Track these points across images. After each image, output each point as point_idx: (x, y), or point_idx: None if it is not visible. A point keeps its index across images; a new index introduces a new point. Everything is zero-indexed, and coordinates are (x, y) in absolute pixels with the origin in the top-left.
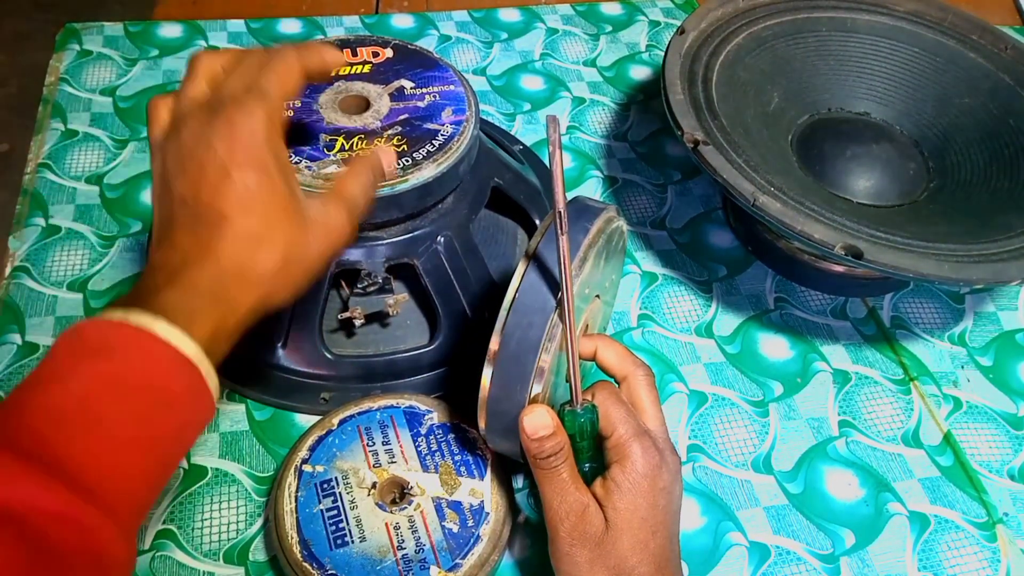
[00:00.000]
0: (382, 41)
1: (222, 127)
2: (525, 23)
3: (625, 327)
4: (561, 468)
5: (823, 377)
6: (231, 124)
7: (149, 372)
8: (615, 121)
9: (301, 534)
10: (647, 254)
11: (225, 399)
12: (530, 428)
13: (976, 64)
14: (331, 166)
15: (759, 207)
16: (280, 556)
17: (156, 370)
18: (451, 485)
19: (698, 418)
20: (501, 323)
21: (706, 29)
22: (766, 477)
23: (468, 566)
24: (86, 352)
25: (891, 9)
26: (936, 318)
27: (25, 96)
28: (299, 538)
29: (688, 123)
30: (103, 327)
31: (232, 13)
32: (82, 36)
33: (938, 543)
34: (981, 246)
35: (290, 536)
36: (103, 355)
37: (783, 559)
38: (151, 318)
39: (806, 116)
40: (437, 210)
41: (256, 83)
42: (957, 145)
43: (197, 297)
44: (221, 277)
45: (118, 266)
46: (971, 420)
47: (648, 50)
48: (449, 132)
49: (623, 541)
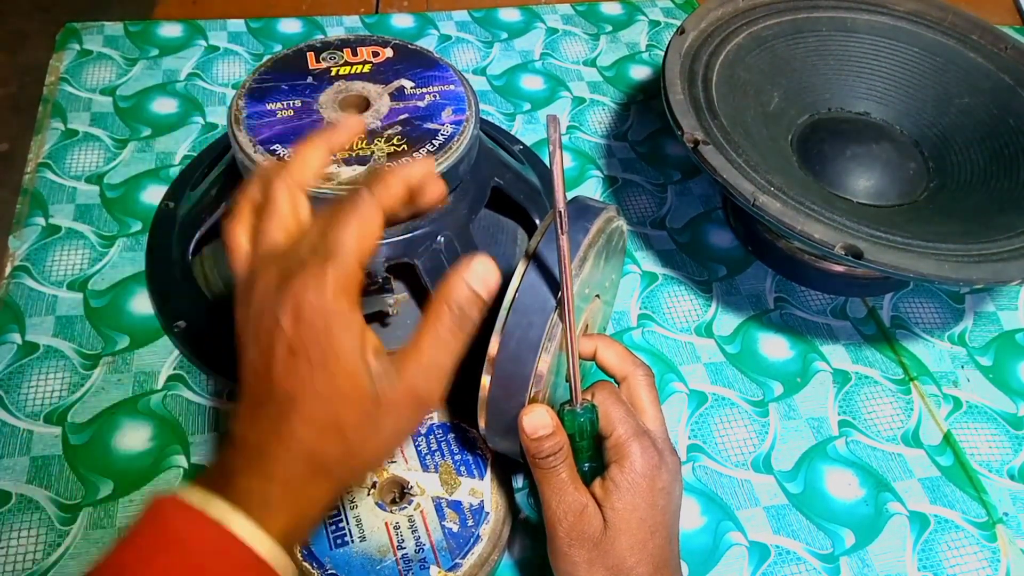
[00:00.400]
0: (382, 41)
1: (288, 299)
2: (525, 23)
3: (625, 327)
4: (560, 468)
5: (823, 377)
6: (296, 296)
7: (221, 571)
8: (615, 121)
9: None
10: (647, 254)
11: (226, 398)
12: (529, 428)
13: (976, 64)
14: (331, 166)
15: (759, 207)
16: None
17: (228, 570)
18: (451, 485)
19: (698, 418)
20: (501, 323)
21: (706, 29)
22: (766, 477)
23: (468, 566)
24: (162, 543)
25: (891, 9)
26: (936, 318)
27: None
28: None
29: (688, 123)
30: (183, 513)
31: (232, 13)
32: (82, 36)
33: (938, 543)
34: (981, 246)
35: None
36: (177, 549)
37: (783, 559)
38: (229, 509)
39: (806, 116)
40: (437, 210)
41: (328, 240)
42: (957, 145)
43: (274, 486)
44: (294, 466)
45: (118, 266)
46: (971, 420)
47: (648, 50)
48: (449, 132)
49: (621, 541)
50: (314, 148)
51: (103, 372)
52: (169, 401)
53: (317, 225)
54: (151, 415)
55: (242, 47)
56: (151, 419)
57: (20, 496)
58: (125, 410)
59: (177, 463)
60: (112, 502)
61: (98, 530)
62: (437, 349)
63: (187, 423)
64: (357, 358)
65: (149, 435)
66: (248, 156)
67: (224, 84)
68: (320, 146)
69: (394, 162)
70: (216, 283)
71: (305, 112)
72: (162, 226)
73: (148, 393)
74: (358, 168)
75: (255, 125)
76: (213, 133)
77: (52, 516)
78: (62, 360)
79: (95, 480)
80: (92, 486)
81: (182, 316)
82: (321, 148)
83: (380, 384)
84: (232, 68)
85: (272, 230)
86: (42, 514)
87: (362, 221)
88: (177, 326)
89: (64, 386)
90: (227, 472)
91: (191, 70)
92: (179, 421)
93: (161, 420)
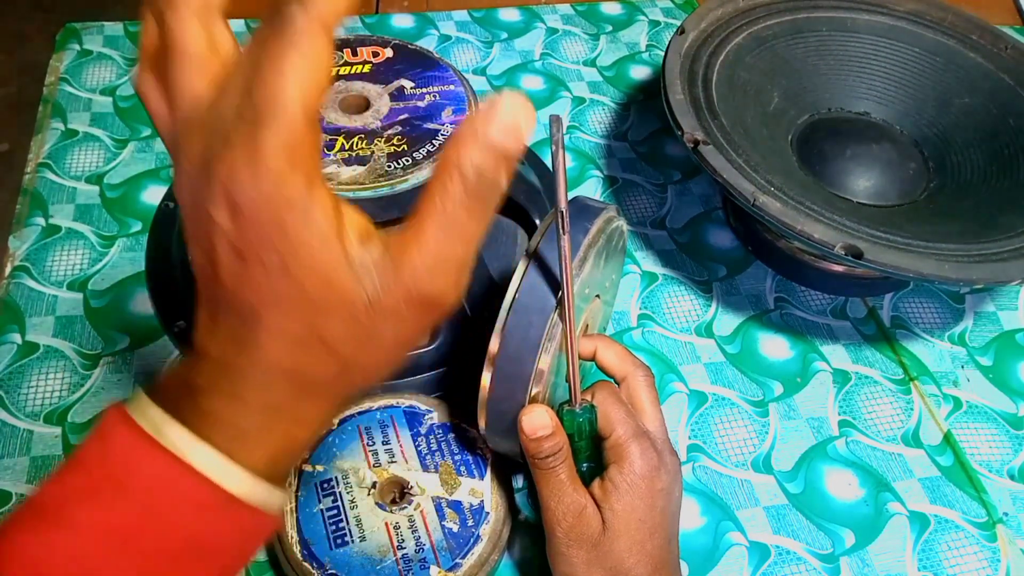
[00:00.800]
0: (382, 41)
1: (217, 189)
2: (525, 23)
3: (625, 327)
4: (559, 469)
5: (823, 377)
6: (224, 184)
7: (177, 522)
8: (615, 121)
9: (301, 533)
10: (647, 254)
11: None
12: (529, 428)
13: (976, 64)
14: (331, 166)
15: (759, 207)
16: (280, 555)
17: (186, 519)
18: (451, 485)
19: (698, 418)
20: (501, 323)
21: (706, 29)
22: (766, 477)
23: (468, 566)
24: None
25: (891, 9)
26: (936, 318)
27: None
28: (299, 537)
29: (688, 123)
30: (131, 439)
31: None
32: (82, 36)
33: (938, 543)
34: (981, 246)
35: (290, 535)
36: (121, 492)
37: (783, 559)
38: (190, 439)
39: (806, 116)
40: None
41: (256, 96)
42: (957, 145)
43: (249, 411)
44: (273, 387)
45: (118, 266)
46: (971, 420)
47: (648, 50)
48: (449, 132)
49: (620, 542)
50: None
51: (103, 372)
52: None
53: (242, 70)
54: None
55: (242, 47)
56: None
57: (20, 496)
58: None
59: None
60: None
61: None
62: (448, 233)
63: None
64: (329, 254)
65: None
66: None
67: None
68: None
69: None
70: None
71: None
72: (162, 226)
73: None
74: (358, 168)
75: None
76: None
77: None
78: (62, 360)
79: None
80: None
81: (182, 316)
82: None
83: (369, 282)
84: None
85: (185, 80)
86: None
87: (301, 55)
88: (177, 326)
89: (64, 386)
90: (190, 389)
91: None
92: None
93: None
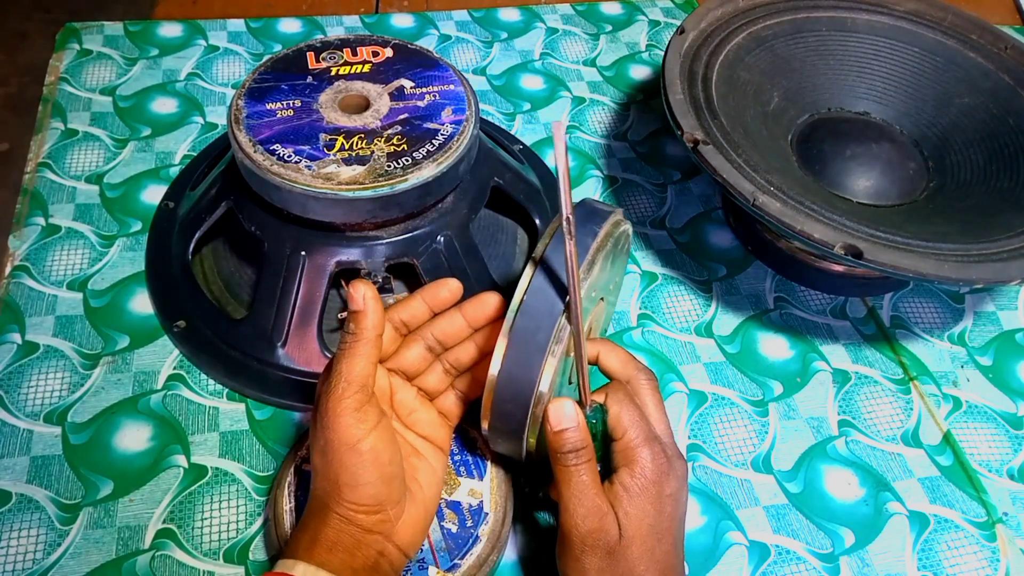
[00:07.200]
0: (382, 41)
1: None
2: (525, 23)
3: (625, 327)
4: (583, 468)
5: (823, 377)
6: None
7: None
8: (615, 121)
9: None
10: (647, 254)
11: (225, 398)
12: (555, 418)
13: (976, 64)
14: (331, 165)
15: (759, 207)
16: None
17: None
18: (450, 485)
19: (698, 418)
20: (508, 325)
21: (706, 29)
22: (766, 476)
23: (467, 566)
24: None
25: (891, 9)
26: (936, 318)
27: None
28: None
29: (688, 123)
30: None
31: (232, 12)
32: (82, 36)
33: (938, 543)
34: (981, 246)
35: (290, 535)
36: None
37: (783, 558)
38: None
39: (806, 116)
40: (437, 209)
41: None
42: (957, 145)
43: (339, 549)
44: (347, 532)
45: (118, 266)
46: (971, 420)
47: (648, 50)
48: (449, 132)
49: (633, 549)
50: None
51: (103, 372)
52: (169, 401)
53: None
54: (151, 415)
55: (242, 47)
56: (151, 419)
57: (20, 496)
58: (125, 410)
59: (177, 463)
60: (112, 502)
61: (98, 529)
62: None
63: (187, 423)
64: (345, 429)
65: (149, 435)
66: (248, 156)
67: (224, 84)
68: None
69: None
70: (216, 283)
71: (305, 112)
72: (162, 226)
73: (148, 393)
74: (358, 168)
75: (255, 125)
76: (213, 133)
77: (52, 516)
78: (62, 360)
79: (95, 480)
80: (92, 486)
81: (182, 316)
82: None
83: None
84: (232, 68)
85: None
86: (42, 514)
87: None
88: (177, 326)
89: (64, 386)
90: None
91: (191, 70)
92: (179, 421)
93: (161, 420)
